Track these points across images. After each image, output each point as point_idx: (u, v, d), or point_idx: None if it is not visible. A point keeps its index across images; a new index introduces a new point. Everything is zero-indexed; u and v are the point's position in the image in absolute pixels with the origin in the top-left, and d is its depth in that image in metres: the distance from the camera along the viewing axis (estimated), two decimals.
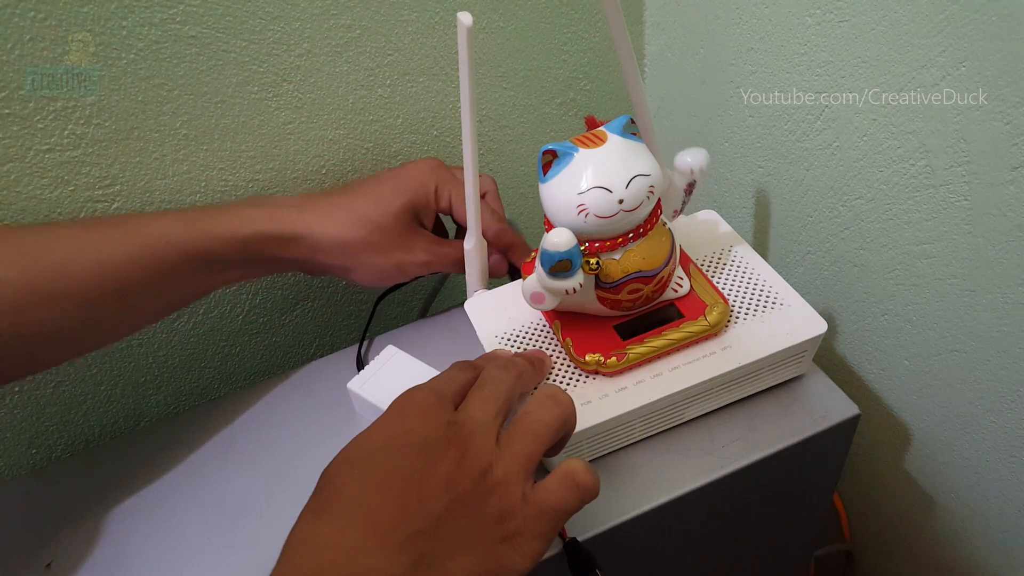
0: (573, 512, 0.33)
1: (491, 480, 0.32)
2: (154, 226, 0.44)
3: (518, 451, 0.33)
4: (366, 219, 0.49)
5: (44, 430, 0.56)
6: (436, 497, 0.30)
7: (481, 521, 0.31)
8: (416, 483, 0.31)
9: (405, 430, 0.33)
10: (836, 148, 0.49)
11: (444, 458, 0.31)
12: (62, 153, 0.47)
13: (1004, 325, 0.43)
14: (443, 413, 0.33)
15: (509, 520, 0.31)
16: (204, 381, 0.63)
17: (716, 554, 0.54)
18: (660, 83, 0.66)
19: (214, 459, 0.50)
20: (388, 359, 0.51)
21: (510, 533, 0.31)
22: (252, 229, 0.46)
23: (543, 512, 0.32)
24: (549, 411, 0.35)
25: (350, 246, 0.49)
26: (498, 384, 0.36)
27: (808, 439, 0.45)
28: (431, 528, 0.30)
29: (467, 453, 0.32)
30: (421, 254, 0.51)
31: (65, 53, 0.44)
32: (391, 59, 0.54)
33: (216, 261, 0.46)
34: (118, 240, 0.43)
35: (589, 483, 0.33)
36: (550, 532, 0.32)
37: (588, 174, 0.39)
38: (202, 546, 0.46)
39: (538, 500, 0.32)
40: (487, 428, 0.33)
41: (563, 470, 0.33)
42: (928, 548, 0.59)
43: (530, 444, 0.33)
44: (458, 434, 0.32)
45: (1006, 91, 0.37)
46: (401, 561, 0.29)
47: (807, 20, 0.47)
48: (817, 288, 0.57)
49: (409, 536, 0.29)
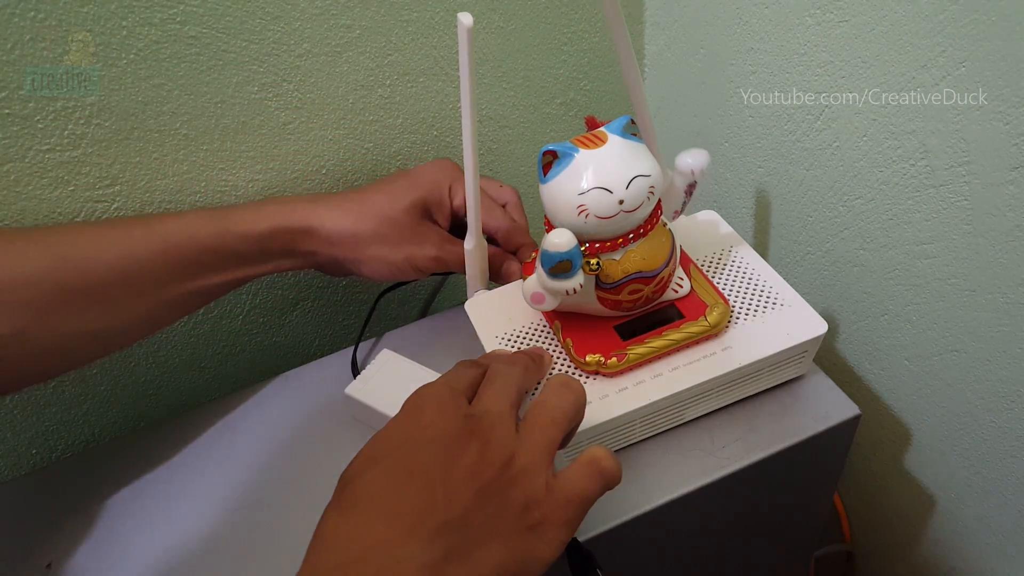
0: (596, 499, 0.33)
1: (514, 469, 0.32)
2: (176, 223, 0.46)
3: (539, 440, 0.33)
4: (377, 212, 0.50)
5: (44, 430, 0.56)
6: (462, 488, 0.30)
7: (507, 510, 0.31)
8: (440, 476, 0.31)
9: (423, 426, 0.33)
10: (836, 148, 0.49)
11: (466, 450, 0.31)
12: (62, 153, 0.47)
13: (1004, 325, 0.43)
14: (459, 407, 0.33)
15: (535, 509, 0.31)
16: (204, 381, 0.63)
17: (716, 554, 0.54)
18: (660, 83, 0.66)
19: (214, 459, 0.50)
20: (385, 363, 0.51)
21: (536, 522, 0.31)
22: (268, 224, 0.47)
23: (568, 500, 0.32)
24: (564, 398, 0.35)
25: (360, 238, 0.49)
26: (508, 377, 0.36)
27: (808, 439, 0.45)
28: (459, 519, 0.30)
29: (489, 444, 0.32)
30: (431, 249, 0.51)
31: (65, 53, 0.44)
32: (391, 59, 0.54)
33: (234, 255, 0.47)
34: (141, 237, 0.44)
35: (612, 469, 0.33)
36: (575, 520, 0.32)
37: (588, 174, 0.39)
38: (202, 546, 0.46)
39: (562, 488, 0.32)
40: (505, 419, 0.33)
41: (586, 457, 0.33)
42: (928, 548, 0.59)
43: (549, 432, 0.33)
44: (477, 426, 0.32)
45: (1006, 91, 0.37)
46: (432, 552, 0.29)
47: (807, 20, 0.47)
48: (817, 288, 0.57)
49: (438, 527, 0.29)
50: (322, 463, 0.33)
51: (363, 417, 0.50)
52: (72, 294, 0.42)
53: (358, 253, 0.50)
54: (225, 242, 0.46)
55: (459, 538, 0.30)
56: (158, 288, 0.45)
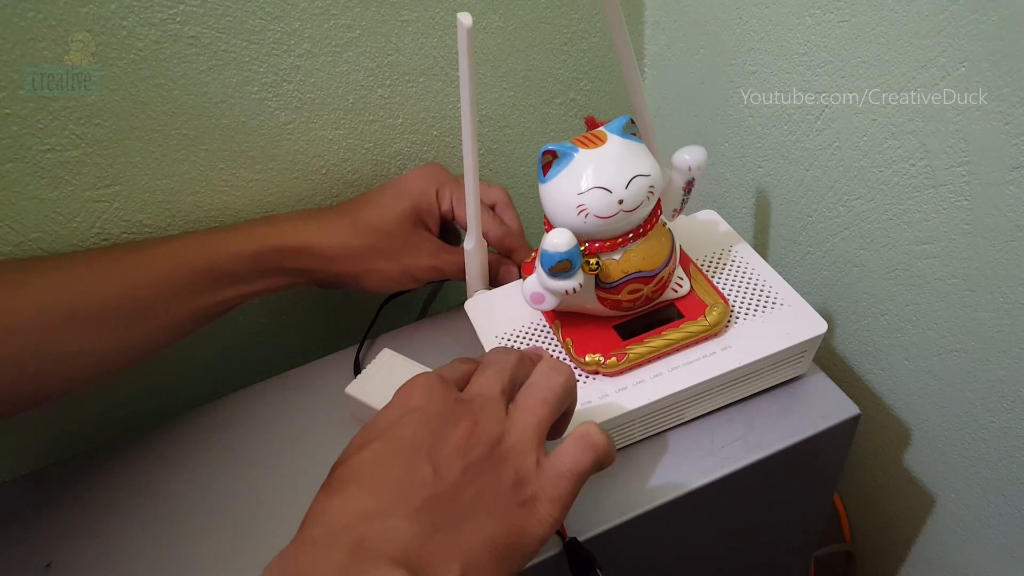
0: (589, 474, 0.33)
1: (504, 447, 0.32)
2: (169, 247, 0.47)
3: (529, 419, 0.33)
4: (369, 226, 0.51)
5: (44, 430, 0.56)
6: (451, 464, 0.31)
7: (497, 487, 0.31)
8: (428, 452, 0.31)
9: (411, 408, 0.33)
10: (836, 148, 0.49)
11: (456, 428, 0.32)
12: (62, 153, 0.47)
13: (1004, 325, 0.43)
14: (449, 392, 0.34)
15: (525, 485, 0.32)
16: (204, 381, 0.63)
17: (716, 554, 0.54)
18: (660, 83, 0.66)
19: (214, 460, 0.50)
20: (385, 362, 0.51)
21: (527, 498, 0.31)
22: (260, 244, 0.48)
23: (559, 475, 0.32)
24: (553, 379, 0.35)
25: (355, 253, 0.50)
26: (500, 364, 0.36)
27: (808, 439, 0.45)
28: (447, 493, 0.30)
29: (478, 424, 0.32)
30: (427, 258, 0.52)
31: (65, 53, 0.44)
32: (391, 59, 0.54)
33: (227, 276, 0.48)
34: (136, 263, 0.46)
35: (604, 443, 0.33)
36: (568, 495, 0.32)
37: (588, 174, 0.39)
38: (201, 546, 0.46)
39: (553, 464, 0.32)
40: (495, 401, 0.34)
41: (577, 432, 0.34)
42: (928, 548, 0.59)
43: (539, 411, 0.34)
44: (468, 408, 0.33)
45: (1006, 91, 0.37)
46: (418, 523, 0.29)
47: (807, 20, 0.47)
48: (817, 288, 0.57)
49: (425, 501, 0.30)
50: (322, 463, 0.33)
51: (363, 417, 0.50)
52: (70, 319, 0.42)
53: (355, 268, 0.51)
54: (216, 262, 0.47)
55: (447, 512, 0.30)
56: (155, 312, 0.46)
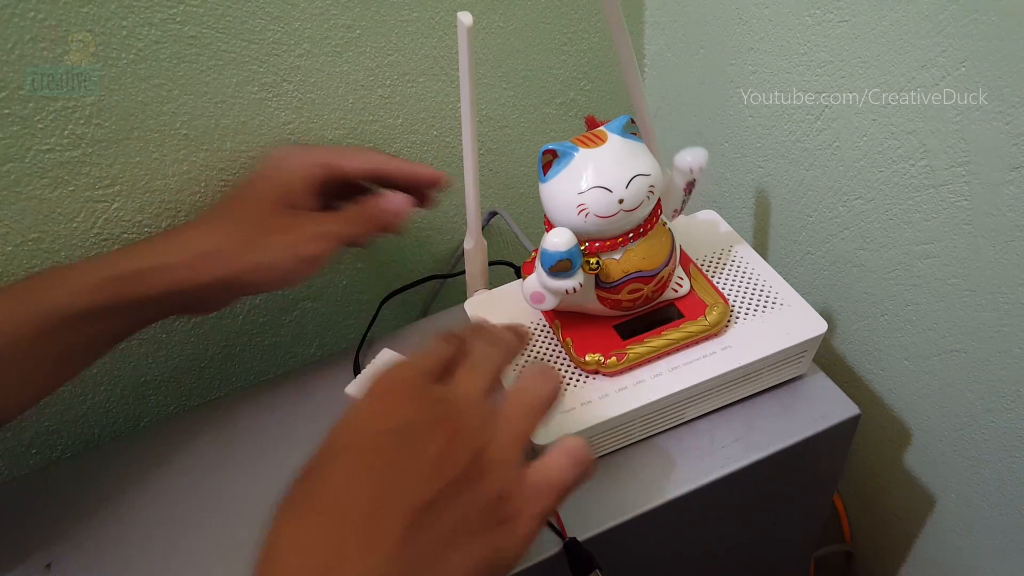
0: (572, 490, 0.32)
1: (484, 461, 0.30)
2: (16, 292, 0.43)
3: (512, 429, 0.31)
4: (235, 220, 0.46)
5: (44, 430, 0.56)
6: (427, 484, 0.29)
7: (476, 505, 0.29)
8: (403, 471, 0.29)
9: (386, 413, 0.31)
10: (836, 148, 0.49)
11: (432, 440, 0.30)
12: (62, 153, 0.47)
13: (1004, 325, 0.43)
14: (427, 391, 0.32)
15: (507, 502, 0.30)
16: (204, 381, 0.63)
17: (716, 554, 0.54)
18: (660, 83, 0.66)
19: (214, 459, 0.50)
20: (385, 362, 0.51)
21: (508, 515, 0.30)
22: (99, 275, 0.43)
23: (543, 490, 0.31)
24: (543, 387, 0.33)
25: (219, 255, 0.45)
26: (488, 359, 0.34)
27: (808, 439, 0.45)
28: (426, 521, 0.28)
29: (458, 432, 0.30)
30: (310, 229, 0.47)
31: (65, 53, 0.44)
32: (391, 59, 0.54)
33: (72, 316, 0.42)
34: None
35: (589, 459, 0.32)
36: (548, 512, 0.31)
37: (588, 174, 0.39)
38: (201, 546, 0.46)
39: (536, 478, 0.31)
40: (477, 405, 0.32)
41: (563, 447, 0.32)
42: (928, 548, 0.59)
43: (523, 422, 0.32)
44: (447, 412, 0.31)
45: (1006, 91, 0.37)
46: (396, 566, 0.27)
47: (807, 20, 0.47)
48: (817, 288, 0.57)
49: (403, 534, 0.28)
50: None
51: None
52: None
53: (228, 270, 0.45)
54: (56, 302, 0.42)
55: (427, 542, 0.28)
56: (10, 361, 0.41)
